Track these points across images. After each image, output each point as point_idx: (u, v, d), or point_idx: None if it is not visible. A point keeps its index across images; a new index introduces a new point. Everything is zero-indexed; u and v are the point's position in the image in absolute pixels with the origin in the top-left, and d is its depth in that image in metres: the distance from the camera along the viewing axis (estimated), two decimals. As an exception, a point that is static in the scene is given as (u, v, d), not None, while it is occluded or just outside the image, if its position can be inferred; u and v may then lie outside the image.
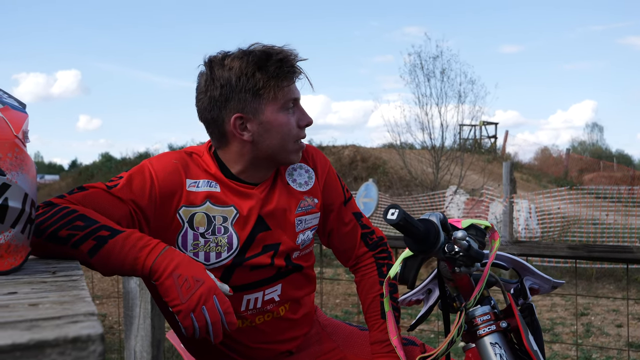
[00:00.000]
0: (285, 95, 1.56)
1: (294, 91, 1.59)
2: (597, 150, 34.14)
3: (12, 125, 1.10)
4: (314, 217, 1.70)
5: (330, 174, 1.76)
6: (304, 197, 1.68)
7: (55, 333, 0.58)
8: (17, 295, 0.82)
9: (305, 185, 1.69)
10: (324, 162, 1.77)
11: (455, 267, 1.42)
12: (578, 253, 2.81)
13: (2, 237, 1.06)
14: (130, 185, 1.48)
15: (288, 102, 1.57)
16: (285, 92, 1.56)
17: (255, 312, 1.63)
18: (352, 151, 20.33)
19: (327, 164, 1.77)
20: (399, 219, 1.31)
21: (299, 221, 1.66)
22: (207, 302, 1.26)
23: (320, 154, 1.79)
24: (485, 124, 26.28)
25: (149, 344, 3.15)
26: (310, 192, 1.69)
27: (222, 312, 1.28)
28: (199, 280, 1.27)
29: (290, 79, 1.56)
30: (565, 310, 6.81)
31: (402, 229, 1.33)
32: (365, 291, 1.78)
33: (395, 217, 1.31)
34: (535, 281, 1.65)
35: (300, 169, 1.71)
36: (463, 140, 19.69)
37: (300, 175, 1.70)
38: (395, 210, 1.32)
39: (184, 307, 1.25)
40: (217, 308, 1.27)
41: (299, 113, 1.60)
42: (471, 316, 1.47)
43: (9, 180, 1.03)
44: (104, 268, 1.29)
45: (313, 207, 1.69)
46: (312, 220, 1.70)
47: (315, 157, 1.75)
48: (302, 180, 1.69)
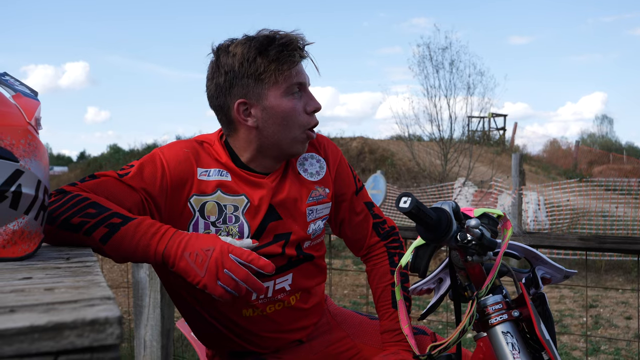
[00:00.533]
0: (287, 79, 1.54)
1: (298, 75, 1.56)
2: (607, 142, 33.95)
3: (24, 112, 1.10)
4: (325, 206, 1.70)
5: (341, 163, 1.76)
6: (315, 186, 1.68)
7: (73, 315, 0.58)
8: (32, 280, 0.82)
9: (316, 175, 1.69)
10: (336, 152, 1.76)
11: (468, 256, 1.42)
12: (589, 244, 2.79)
13: (16, 223, 1.06)
14: (141, 174, 1.48)
15: (291, 86, 1.55)
16: (287, 75, 1.53)
17: (266, 301, 1.63)
18: (360, 143, 20.31)
19: (339, 154, 1.77)
20: (412, 207, 1.30)
21: (310, 211, 1.66)
22: (226, 264, 1.24)
23: (332, 143, 1.78)
24: (494, 115, 26.19)
25: (158, 333, 3.16)
26: (322, 182, 1.69)
27: (246, 264, 1.25)
28: (209, 249, 1.26)
29: (292, 62, 1.53)
30: (573, 302, 6.79)
31: (414, 217, 1.32)
32: (376, 280, 1.78)
33: (408, 205, 1.30)
34: (547, 270, 1.64)
35: (311, 159, 1.70)
36: (471, 132, 19.62)
37: (311, 165, 1.70)
38: (407, 198, 1.31)
39: (206, 279, 1.24)
40: (238, 263, 1.25)
41: (306, 98, 1.58)
42: (483, 305, 1.46)
43: (22, 166, 1.03)
44: (117, 255, 1.30)
45: (324, 197, 1.69)
46: (324, 210, 1.70)
47: (327, 147, 1.74)
48: (313, 170, 1.69)
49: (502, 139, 26.96)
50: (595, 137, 37.28)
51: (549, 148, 29.19)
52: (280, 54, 1.51)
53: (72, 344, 0.56)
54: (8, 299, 0.68)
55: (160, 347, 3.17)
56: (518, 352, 1.40)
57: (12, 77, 1.24)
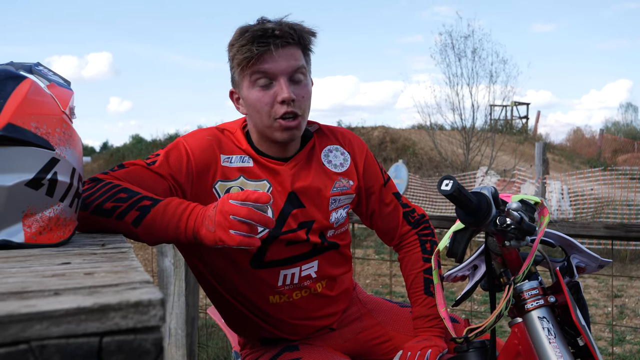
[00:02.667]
0: (253, 70, 1.55)
1: (266, 66, 1.54)
2: (632, 130, 33.43)
3: (59, 101, 1.12)
4: (348, 197, 1.72)
5: (368, 158, 1.78)
6: (339, 177, 1.70)
7: (117, 298, 0.59)
8: (72, 265, 0.84)
9: (340, 167, 1.71)
10: (361, 146, 1.78)
11: (505, 241, 1.41)
12: (615, 233, 2.77)
13: (52, 210, 1.08)
14: (168, 162, 1.52)
15: (258, 79, 1.55)
16: (254, 67, 1.54)
17: (292, 287, 1.64)
18: (382, 132, 20.24)
19: (365, 148, 1.79)
20: (453, 190, 1.30)
21: (333, 200, 1.68)
22: (228, 210, 1.23)
23: (357, 138, 1.80)
24: (517, 104, 25.93)
25: (183, 321, 3.20)
26: (346, 174, 1.71)
27: (248, 203, 1.24)
28: (212, 208, 1.28)
29: (253, 54, 1.52)
30: (598, 292, 6.74)
31: (455, 199, 1.33)
32: (408, 267, 1.79)
33: (450, 188, 1.31)
34: (582, 259, 1.63)
35: (336, 151, 1.72)
36: (494, 120, 19.46)
37: (335, 157, 1.72)
38: (449, 182, 1.31)
39: (218, 232, 1.24)
40: (239, 205, 1.23)
41: (277, 88, 1.56)
42: (519, 290, 1.46)
43: (57, 155, 1.06)
44: (149, 237, 1.32)
45: (348, 189, 1.71)
46: (346, 200, 1.72)
47: (352, 141, 1.76)
48: (337, 162, 1.71)
49: (524, 127, 26.69)
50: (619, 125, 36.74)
51: (573, 137, 28.85)
52: (245, 46, 1.53)
53: (117, 325, 0.58)
54: (51, 282, 0.70)
55: (185, 335, 3.20)
56: (554, 337, 1.40)
57: (45, 67, 1.26)
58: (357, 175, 1.74)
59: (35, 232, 1.06)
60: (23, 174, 1.01)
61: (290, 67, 1.55)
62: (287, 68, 1.55)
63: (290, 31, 1.55)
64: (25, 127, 1.01)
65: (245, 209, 1.23)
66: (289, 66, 1.55)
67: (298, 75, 1.58)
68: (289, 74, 1.56)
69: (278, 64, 1.54)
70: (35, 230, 1.06)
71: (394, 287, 6.88)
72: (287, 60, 1.55)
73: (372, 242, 9.97)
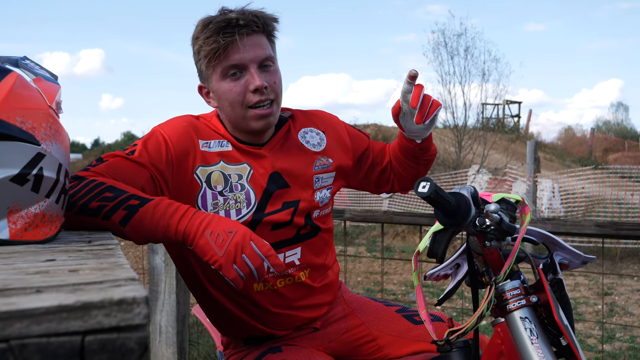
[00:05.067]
0: (222, 62, 1.55)
1: (236, 55, 1.54)
2: (622, 129, 33.56)
3: (45, 95, 1.10)
4: (330, 175, 1.75)
5: (347, 128, 1.85)
6: (319, 156, 1.72)
7: (101, 295, 0.58)
8: (56, 262, 0.83)
9: (318, 146, 1.74)
10: (336, 121, 1.84)
11: (486, 241, 1.41)
12: (606, 231, 2.77)
13: (37, 206, 1.07)
14: (147, 150, 1.51)
15: (227, 70, 1.55)
16: (222, 59, 1.54)
17: (276, 274, 1.64)
18: (374, 130, 20.25)
19: (340, 122, 1.85)
20: (430, 192, 1.29)
21: (317, 179, 1.70)
22: (245, 249, 1.25)
23: (329, 115, 1.85)
24: (509, 102, 26.00)
25: (174, 318, 3.18)
26: (324, 153, 1.74)
27: (263, 255, 1.27)
28: (231, 231, 1.27)
29: (220, 45, 1.52)
30: (588, 289, 6.76)
31: (433, 202, 1.32)
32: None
33: (427, 190, 1.29)
34: (565, 256, 1.63)
35: (311, 132, 1.75)
36: (486, 119, 19.49)
37: (312, 138, 1.74)
38: (426, 183, 1.30)
39: (223, 259, 1.24)
40: (256, 252, 1.26)
41: (248, 77, 1.56)
42: (501, 290, 1.46)
43: (43, 150, 1.04)
44: (137, 236, 1.30)
45: (329, 167, 1.74)
46: (328, 179, 1.75)
47: (325, 119, 1.81)
48: (314, 141, 1.74)
49: (516, 126, 26.76)
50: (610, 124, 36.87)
51: (564, 135, 28.94)
52: (213, 37, 1.53)
53: (100, 323, 0.57)
54: (34, 279, 0.69)
55: (175, 332, 3.19)
56: (536, 337, 1.40)
57: (32, 61, 1.24)
58: (344, 149, 1.79)
59: (21, 229, 1.04)
60: (8, 170, 0.99)
61: (258, 55, 1.56)
62: (255, 56, 1.55)
63: (254, 19, 1.55)
64: (10, 121, 0.99)
65: (261, 261, 1.26)
66: (257, 54, 1.56)
67: (267, 62, 1.58)
68: (257, 61, 1.56)
69: (246, 53, 1.54)
70: (21, 226, 1.04)
71: (385, 285, 6.88)
72: (254, 49, 1.55)
73: (364, 240, 9.98)
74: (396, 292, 6.71)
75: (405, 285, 6.95)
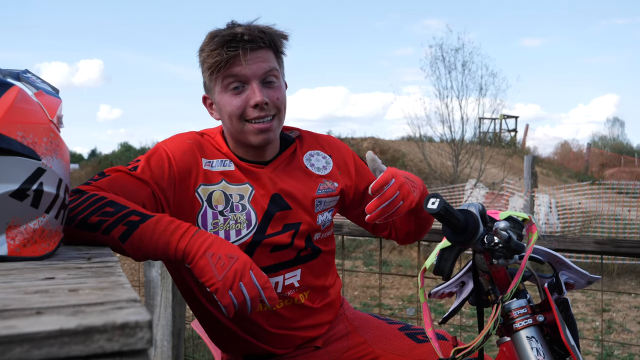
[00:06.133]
0: (224, 75, 1.54)
1: (237, 70, 1.53)
2: (618, 145, 33.70)
3: (47, 109, 1.09)
4: (333, 199, 1.72)
5: (356, 158, 1.80)
6: (323, 180, 1.70)
7: (102, 319, 0.56)
8: (56, 280, 0.81)
9: (323, 170, 1.71)
10: (346, 149, 1.80)
11: (493, 259, 1.40)
12: (605, 248, 2.76)
13: (37, 222, 1.05)
14: (149, 166, 1.50)
15: (229, 83, 1.55)
16: (225, 72, 1.54)
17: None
18: (371, 143, 20.29)
19: (350, 150, 1.80)
20: (440, 208, 1.28)
21: (319, 202, 1.68)
22: (244, 278, 1.25)
23: (339, 142, 1.81)
24: (506, 117, 26.08)
25: (169, 332, 3.15)
26: (329, 177, 1.71)
27: (260, 286, 1.27)
28: (233, 256, 1.26)
29: (223, 58, 1.52)
30: (586, 306, 6.74)
31: (442, 218, 1.31)
32: None
33: (436, 207, 1.28)
34: (570, 276, 1.61)
35: (317, 155, 1.73)
36: (483, 133, 19.54)
37: (318, 161, 1.72)
38: (435, 200, 1.29)
39: (221, 284, 1.24)
40: (254, 283, 1.26)
41: (249, 92, 1.55)
42: (507, 309, 1.45)
43: (44, 164, 1.03)
44: (136, 253, 1.29)
45: (333, 191, 1.71)
46: (331, 202, 1.72)
47: (334, 145, 1.78)
48: (320, 165, 1.72)
49: (513, 140, 26.84)
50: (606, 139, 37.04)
51: (560, 150, 29.04)
52: (214, 51, 1.52)
53: (102, 348, 0.55)
54: (33, 299, 0.67)
55: (171, 347, 3.16)
56: (543, 357, 1.38)
57: (34, 74, 1.23)
58: (347, 177, 1.74)
59: (19, 245, 1.02)
60: (7, 185, 0.98)
61: (261, 70, 1.55)
62: (258, 71, 1.54)
63: (260, 35, 1.54)
64: (11, 136, 0.98)
65: (257, 291, 1.26)
66: (260, 69, 1.54)
67: (270, 77, 1.57)
68: (260, 77, 1.55)
69: (249, 67, 1.53)
70: (19, 242, 1.02)
71: (383, 300, 6.85)
72: (257, 64, 1.54)
73: (361, 253, 9.94)
74: (393, 306, 6.67)
75: (402, 300, 6.92)
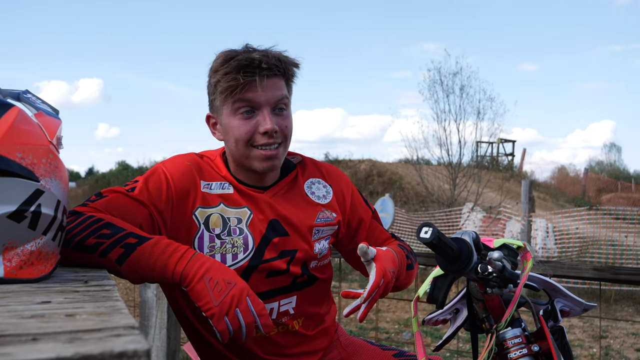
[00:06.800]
0: (237, 99, 1.53)
1: (250, 96, 1.53)
2: (615, 170, 33.81)
3: (46, 131, 1.09)
4: (331, 229, 1.71)
5: (354, 192, 1.78)
6: (323, 209, 1.69)
7: (100, 347, 0.55)
8: (52, 304, 0.80)
9: (323, 199, 1.71)
10: (347, 181, 1.79)
11: (487, 288, 1.39)
12: (603, 275, 2.75)
13: (34, 244, 1.04)
14: (147, 187, 1.49)
15: (240, 107, 1.54)
16: (238, 96, 1.53)
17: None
18: (369, 165, 20.31)
19: (350, 183, 1.79)
20: (432, 238, 1.27)
21: (317, 230, 1.67)
22: (240, 304, 1.24)
23: (341, 173, 1.81)
24: (503, 141, 26.16)
25: (164, 354, 3.12)
26: (329, 206, 1.70)
27: (256, 313, 1.26)
28: (231, 282, 1.25)
29: (239, 83, 1.51)
30: (583, 332, 6.70)
31: (435, 247, 1.30)
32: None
33: (429, 236, 1.28)
34: (566, 303, 1.61)
35: (318, 184, 1.73)
36: (480, 157, 19.59)
37: (318, 190, 1.72)
38: (428, 229, 1.28)
39: (217, 310, 1.23)
40: (250, 310, 1.25)
41: (260, 118, 1.54)
42: (502, 338, 1.43)
43: (42, 186, 1.02)
44: (133, 275, 1.28)
45: (332, 220, 1.70)
46: (328, 231, 1.71)
47: (336, 176, 1.77)
48: (320, 193, 1.71)
49: (510, 164, 26.90)
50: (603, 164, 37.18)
51: (557, 175, 29.11)
52: (229, 74, 1.52)
53: (99, 377, 0.54)
54: (29, 324, 0.66)
55: (165, 368, 3.13)
56: None
57: (34, 94, 1.23)
58: (341, 209, 1.73)
59: (16, 267, 1.01)
60: (5, 206, 0.97)
61: (274, 98, 1.55)
62: (271, 99, 1.54)
63: (277, 62, 1.54)
64: (10, 157, 0.97)
65: (252, 318, 1.26)
66: (273, 97, 1.54)
67: (281, 105, 1.57)
68: (272, 104, 1.55)
69: (263, 94, 1.53)
70: (16, 264, 1.01)
71: (379, 323, 6.81)
72: (271, 91, 1.54)
73: (357, 275, 9.90)
74: (389, 330, 6.63)
75: (398, 324, 6.88)
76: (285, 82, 1.59)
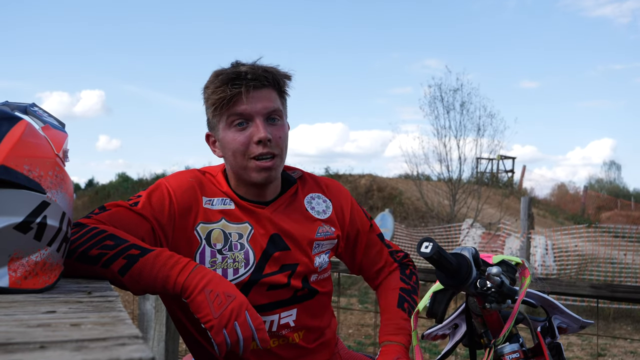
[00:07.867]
0: (229, 112, 1.56)
1: (241, 107, 1.55)
2: (615, 188, 33.79)
3: (53, 144, 1.11)
4: (330, 242, 1.73)
5: (353, 206, 1.81)
6: (322, 224, 1.71)
7: (106, 355, 0.57)
8: (57, 314, 0.82)
9: (323, 214, 1.73)
10: (346, 196, 1.81)
11: (486, 303, 1.40)
12: (601, 292, 2.76)
13: (39, 254, 1.06)
14: (150, 202, 1.52)
15: (234, 120, 1.57)
16: (229, 109, 1.56)
17: (270, 335, 1.62)
18: (369, 180, 20.32)
19: (349, 198, 1.81)
20: (433, 253, 1.30)
21: (317, 244, 1.69)
22: (239, 317, 1.26)
23: (340, 187, 1.83)
24: (503, 158, 26.19)
25: (162, 367, 3.13)
26: (328, 221, 1.73)
27: (254, 328, 1.28)
28: (231, 295, 1.27)
29: (227, 95, 1.54)
30: (581, 350, 6.69)
31: (435, 262, 1.32)
32: (385, 286, 1.81)
33: (429, 251, 1.30)
34: (563, 320, 1.62)
35: (318, 199, 1.75)
36: (480, 173, 19.61)
37: (318, 205, 1.74)
38: (429, 244, 1.30)
39: (216, 322, 1.25)
40: (249, 323, 1.27)
41: (254, 129, 1.57)
42: (500, 353, 1.45)
43: (48, 198, 1.04)
44: (135, 286, 1.30)
45: (331, 235, 1.72)
46: (328, 245, 1.73)
47: (336, 191, 1.79)
48: (320, 208, 1.73)
49: (510, 181, 26.91)
50: (603, 182, 37.15)
51: (557, 192, 29.10)
52: (219, 88, 1.55)
53: (105, 384, 0.56)
54: (36, 333, 0.68)
55: (163, 381, 3.13)
56: None
57: (41, 108, 1.25)
58: (341, 224, 1.76)
59: (20, 277, 1.03)
60: (12, 217, 0.99)
61: (264, 109, 1.57)
62: (262, 109, 1.56)
63: (264, 74, 1.57)
64: (18, 169, 1.00)
65: (250, 332, 1.28)
66: (264, 107, 1.57)
67: (274, 116, 1.59)
68: (264, 114, 1.57)
69: (253, 105, 1.55)
70: (21, 274, 1.03)
71: (377, 339, 6.78)
72: (262, 101, 1.56)
73: (356, 291, 9.89)
74: (387, 345, 6.60)
75: (396, 339, 6.84)
76: (277, 93, 1.61)
